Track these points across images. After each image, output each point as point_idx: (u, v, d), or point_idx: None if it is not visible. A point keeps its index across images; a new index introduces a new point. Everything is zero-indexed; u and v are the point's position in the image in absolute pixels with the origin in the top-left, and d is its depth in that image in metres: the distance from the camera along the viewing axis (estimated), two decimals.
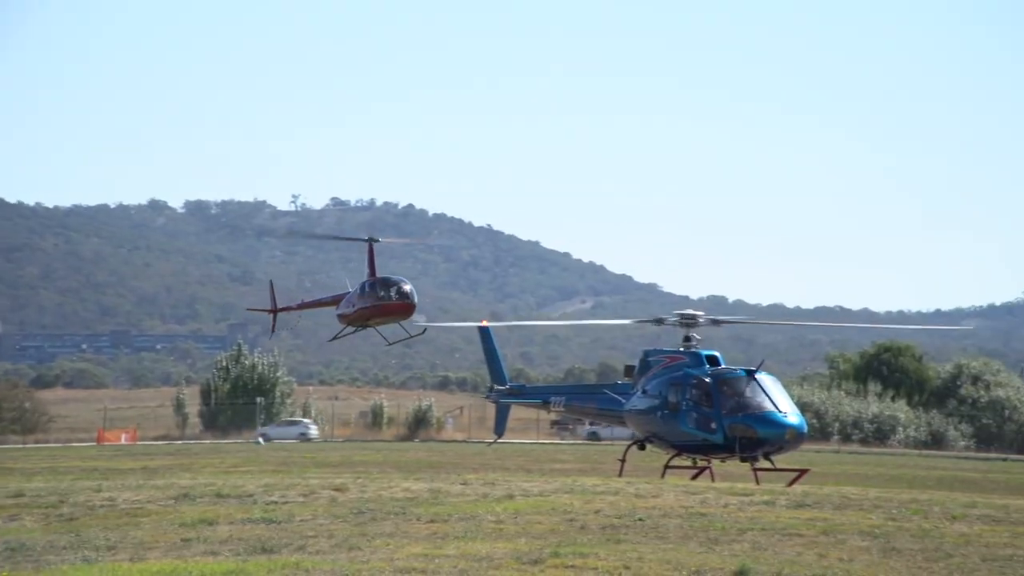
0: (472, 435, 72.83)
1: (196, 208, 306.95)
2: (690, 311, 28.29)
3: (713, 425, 25.67)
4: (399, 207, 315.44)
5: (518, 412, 50.09)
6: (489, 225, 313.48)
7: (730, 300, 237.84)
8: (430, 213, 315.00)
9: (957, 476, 38.74)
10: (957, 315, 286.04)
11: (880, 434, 76.80)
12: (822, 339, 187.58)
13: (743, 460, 26.08)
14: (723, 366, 26.81)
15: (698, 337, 27.82)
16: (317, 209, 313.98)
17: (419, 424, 78.16)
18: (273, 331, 37.79)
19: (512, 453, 49.03)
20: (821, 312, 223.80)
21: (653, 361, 27.87)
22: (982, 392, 79.53)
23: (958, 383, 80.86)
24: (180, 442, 68.97)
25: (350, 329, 32.21)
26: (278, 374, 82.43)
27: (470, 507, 17.09)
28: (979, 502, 19.25)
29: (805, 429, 26.08)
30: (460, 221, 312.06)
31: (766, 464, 26.02)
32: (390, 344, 33.42)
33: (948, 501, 19.20)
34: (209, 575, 11.89)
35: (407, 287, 31.75)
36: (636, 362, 28.69)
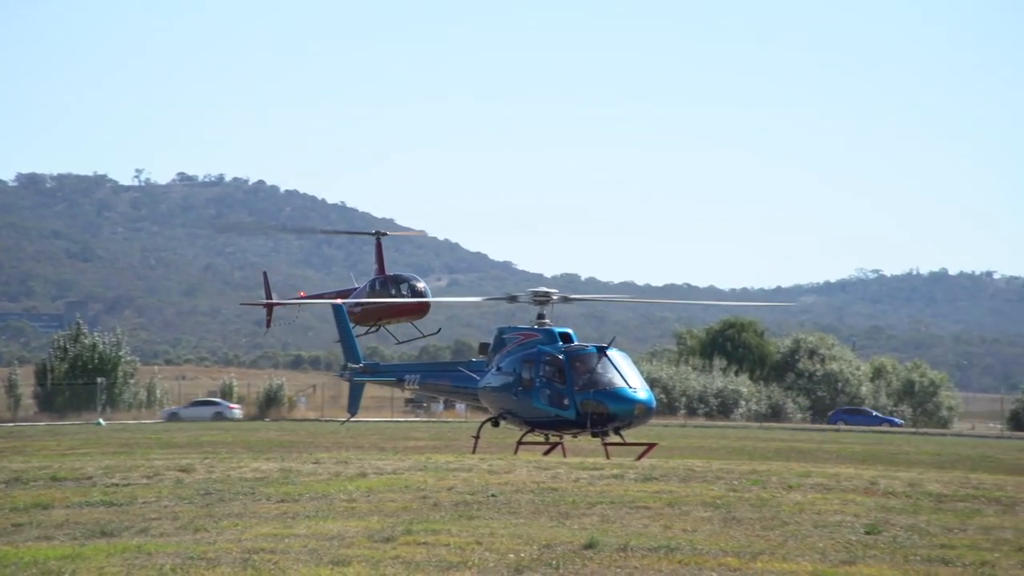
0: (325, 414, 72.07)
1: (29, 182, 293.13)
2: (544, 289, 28.59)
3: (566, 401, 26.08)
4: (249, 183, 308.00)
5: (373, 390, 49.78)
6: (343, 202, 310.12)
7: (583, 278, 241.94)
8: (282, 190, 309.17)
9: (794, 447, 40.47)
10: (796, 292, 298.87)
11: (724, 408, 79.63)
12: (670, 316, 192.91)
13: (594, 435, 26.57)
14: (576, 343, 27.21)
15: (551, 315, 28.17)
16: (162, 184, 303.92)
17: (270, 403, 76.80)
18: (269, 326, 35.41)
19: (366, 431, 48.73)
20: (670, 290, 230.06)
21: (508, 338, 28.09)
22: (818, 366, 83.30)
23: (796, 357, 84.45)
24: (12, 424, 65.89)
25: (360, 330, 30.27)
26: (120, 353, 79.53)
27: (322, 486, 16.91)
28: (813, 471, 20.16)
29: (654, 404, 26.74)
30: (313, 198, 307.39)
31: (616, 439, 26.60)
32: (399, 343, 31.63)
33: (785, 471, 20.04)
34: (43, 560, 11.41)
35: (421, 285, 30.12)
36: (491, 340, 28.88)
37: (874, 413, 75.02)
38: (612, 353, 26.52)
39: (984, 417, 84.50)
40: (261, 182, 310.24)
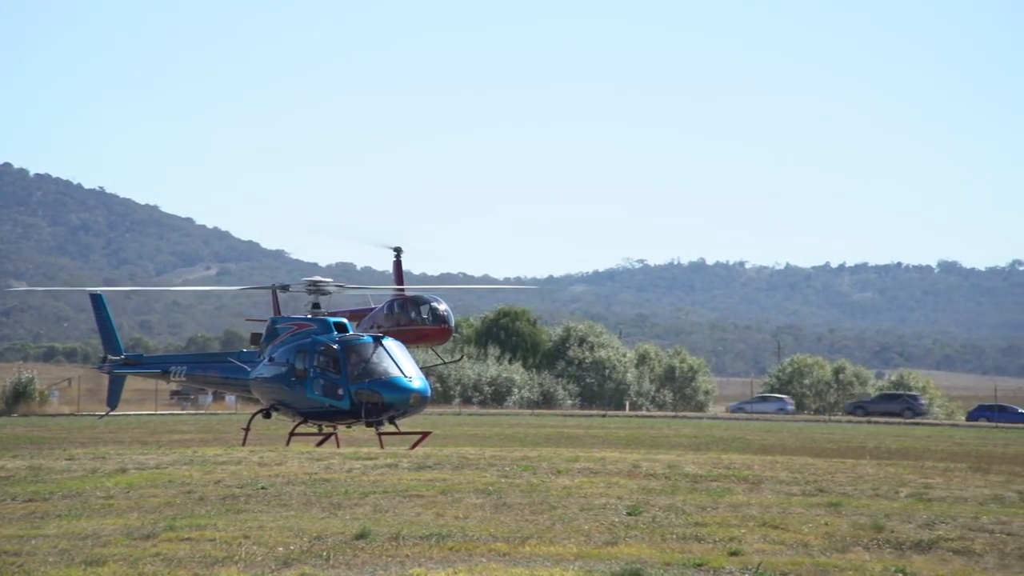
0: (81, 408, 68.24)
1: None
2: (318, 278, 28.20)
3: (340, 391, 25.83)
4: None
5: (135, 383, 47.49)
6: (102, 188, 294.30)
7: (358, 267, 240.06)
8: (31, 173, 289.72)
9: (563, 433, 41.75)
10: (567, 281, 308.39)
11: (498, 396, 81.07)
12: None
13: (369, 425, 26.48)
14: (351, 333, 27.00)
15: (327, 305, 27.80)
16: None
17: (18, 398, 71.82)
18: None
19: (127, 426, 46.51)
20: (445, 278, 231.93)
21: (281, 328, 27.55)
22: (587, 353, 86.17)
23: (567, 345, 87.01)
24: None
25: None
26: None
27: (76, 483, 16.03)
28: (581, 456, 20.86)
29: (429, 393, 26.89)
30: (68, 183, 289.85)
31: (391, 428, 26.59)
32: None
33: (554, 457, 20.64)
34: None
35: (443, 307, 27.61)
36: (263, 330, 28.23)
37: (1020, 410, 69.41)
38: (387, 343, 26.48)
39: (736, 400, 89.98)
40: (8, 164, 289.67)
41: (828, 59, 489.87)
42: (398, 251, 29.81)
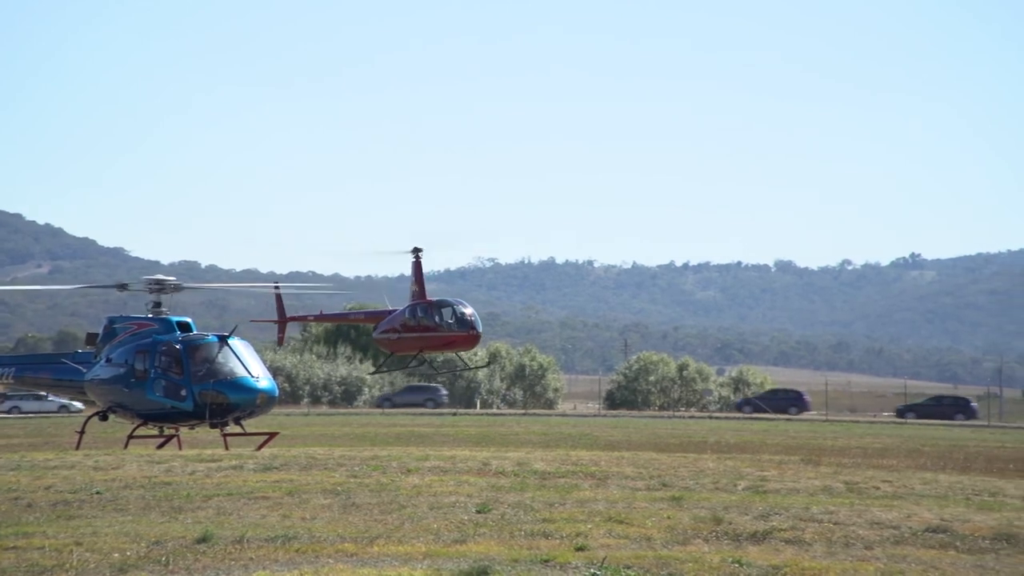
0: None
1: None
2: (160, 276, 27.41)
3: (183, 392, 25.18)
4: None
5: None
6: None
7: (203, 265, 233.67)
8: None
9: (414, 432, 41.61)
10: (426, 278, 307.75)
11: (348, 395, 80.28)
12: (295, 304, 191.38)
13: (213, 426, 25.86)
14: (195, 332, 26.32)
15: (169, 304, 27.03)
16: None
17: None
18: (281, 343, 29.47)
19: None
20: (295, 276, 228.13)
21: (119, 328, 26.68)
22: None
23: None
24: None
25: (398, 362, 24.72)
26: None
27: None
28: (431, 455, 20.85)
29: (276, 393, 26.46)
30: None
31: (236, 429, 26.03)
32: (440, 375, 26.56)
33: (404, 456, 20.56)
34: None
35: (469, 311, 25.99)
36: (100, 329, 27.26)
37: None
38: (233, 342, 25.92)
39: (585, 397, 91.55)
40: None
41: (669, 66, 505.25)
42: (417, 251, 28.51)
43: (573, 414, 72.78)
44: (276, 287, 30.77)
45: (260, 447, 24.74)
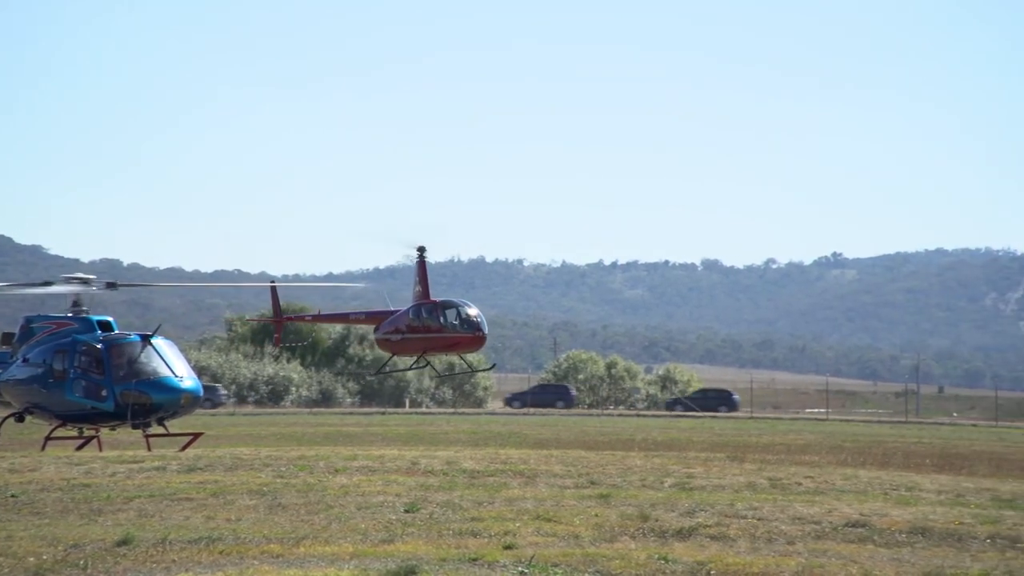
0: None
1: None
2: (80, 275, 26.85)
3: (104, 393, 24.72)
4: None
5: None
6: None
7: (125, 263, 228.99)
8: None
9: (342, 431, 41.30)
10: (348, 278, 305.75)
11: (275, 395, 79.40)
12: (220, 303, 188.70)
13: (135, 427, 25.43)
14: (116, 331, 25.85)
15: (90, 303, 26.49)
16: None
17: None
18: (278, 344, 27.87)
19: None
20: (220, 275, 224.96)
21: (37, 328, 26.10)
22: (367, 351, 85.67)
23: (347, 343, 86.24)
24: None
25: (400, 363, 23.67)
26: None
27: None
28: (359, 454, 20.70)
29: (201, 393, 26.09)
30: None
31: (159, 430, 25.61)
32: (443, 378, 25.31)
33: (332, 455, 20.39)
34: None
35: (474, 312, 25.21)
36: (16, 329, 26.63)
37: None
38: (157, 341, 25.50)
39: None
40: None
41: (599, 67, 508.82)
42: (422, 250, 27.88)
43: (503, 412, 72.87)
44: (272, 284, 30.09)
45: (184, 448, 24.37)
